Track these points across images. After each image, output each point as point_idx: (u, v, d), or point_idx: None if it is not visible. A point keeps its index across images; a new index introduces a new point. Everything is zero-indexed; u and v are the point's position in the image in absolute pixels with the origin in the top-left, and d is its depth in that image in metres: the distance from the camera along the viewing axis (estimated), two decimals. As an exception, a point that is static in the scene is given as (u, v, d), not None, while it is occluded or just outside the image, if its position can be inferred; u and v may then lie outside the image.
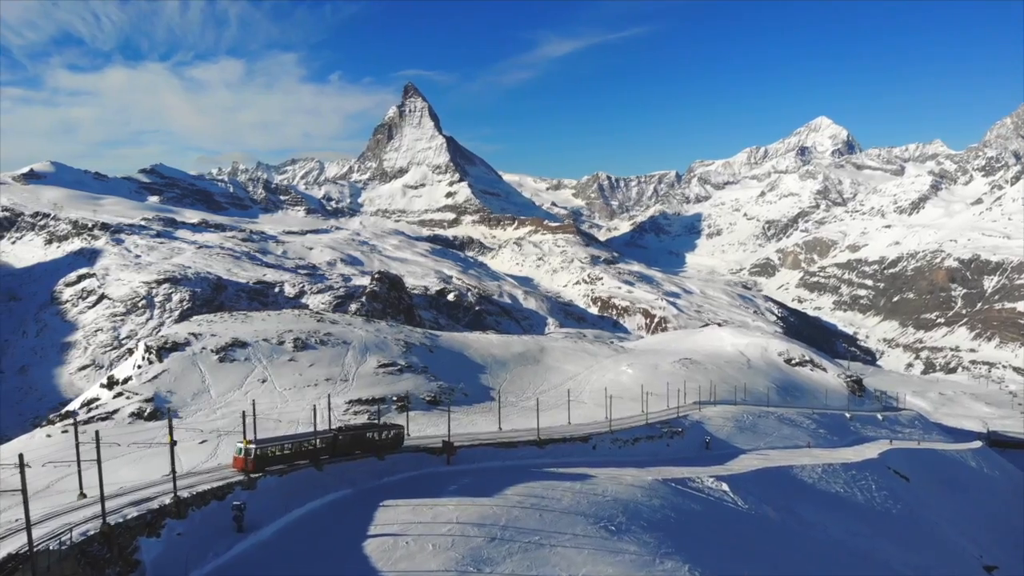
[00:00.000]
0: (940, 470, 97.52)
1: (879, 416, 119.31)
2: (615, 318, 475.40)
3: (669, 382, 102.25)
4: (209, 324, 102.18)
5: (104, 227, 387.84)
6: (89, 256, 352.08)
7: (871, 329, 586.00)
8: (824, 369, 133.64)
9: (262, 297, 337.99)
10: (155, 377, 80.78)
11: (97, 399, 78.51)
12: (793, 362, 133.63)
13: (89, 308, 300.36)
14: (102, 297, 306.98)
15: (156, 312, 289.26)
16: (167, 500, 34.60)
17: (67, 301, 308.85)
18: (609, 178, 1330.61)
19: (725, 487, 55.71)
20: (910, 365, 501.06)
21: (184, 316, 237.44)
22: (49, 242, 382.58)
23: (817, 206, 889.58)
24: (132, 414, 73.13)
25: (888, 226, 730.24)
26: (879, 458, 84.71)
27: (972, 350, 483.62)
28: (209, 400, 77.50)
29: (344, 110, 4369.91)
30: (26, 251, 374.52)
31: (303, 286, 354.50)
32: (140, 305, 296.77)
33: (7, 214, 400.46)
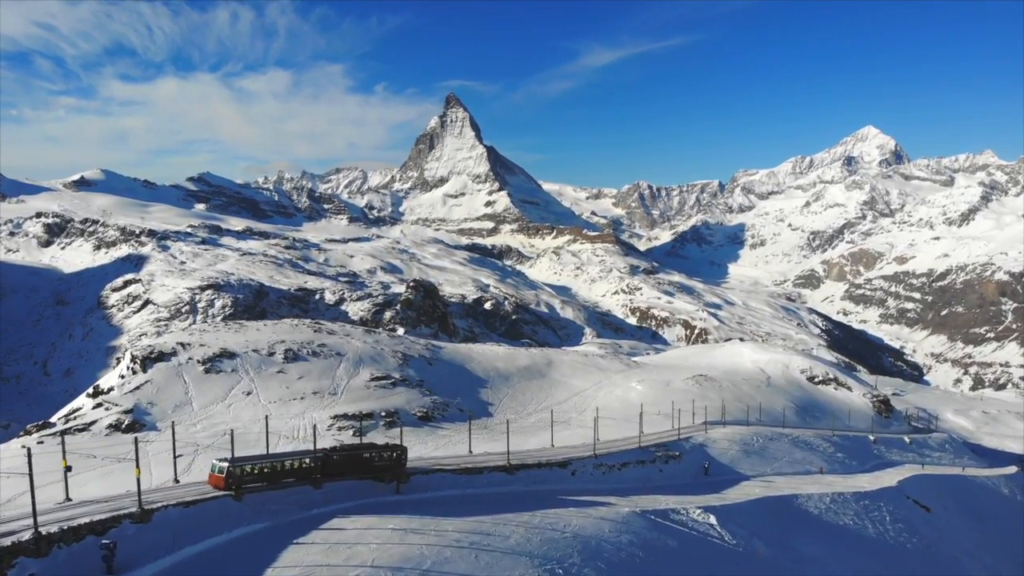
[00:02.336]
0: (967, 499, 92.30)
1: (906, 439, 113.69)
2: (654, 329, 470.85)
3: (679, 400, 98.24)
4: (200, 334, 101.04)
5: (151, 234, 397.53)
6: (136, 262, 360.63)
7: (918, 343, 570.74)
8: (849, 388, 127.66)
9: (303, 304, 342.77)
10: (137, 388, 79.21)
11: (79, 409, 77.30)
12: (816, 380, 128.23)
13: (134, 313, 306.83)
14: (147, 302, 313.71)
15: (199, 318, 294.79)
16: (54, 530, 31.37)
17: (113, 306, 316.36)
18: (650, 187, 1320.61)
19: (712, 520, 51.73)
20: (958, 381, 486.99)
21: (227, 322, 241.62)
22: (97, 248, 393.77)
23: (863, 217, 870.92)
24: (110, 425, 71.45)
25: (937, 238, 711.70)
26: (897, 486, 80.00)
27: (1023, 366, 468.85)
28: (190, 413, 75.81)
29: (388, 120, 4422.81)
30: (75, 256, 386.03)
31: (343, 293, 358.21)
32: (183, 311, 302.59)
33: (58, 220, 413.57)
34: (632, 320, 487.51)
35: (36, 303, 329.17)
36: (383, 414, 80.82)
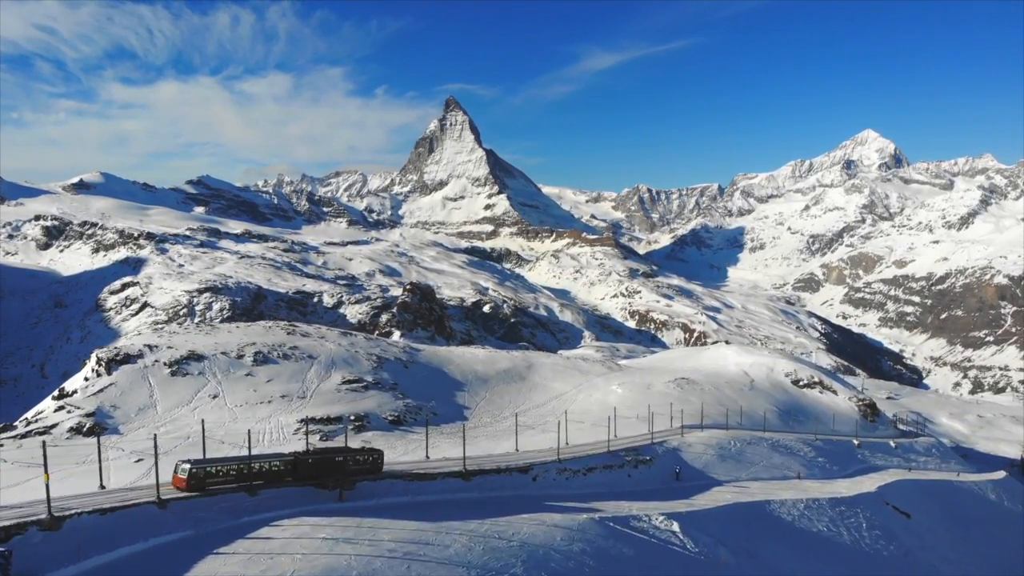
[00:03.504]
0: (951, 505, 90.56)
1: (891, 443, 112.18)
2: (653, 332, 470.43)
3: (659, 403, 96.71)
4: (170, 336, 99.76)
5: (149, 236, 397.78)
6: (134, 265, 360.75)
7: (918, 347, 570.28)
8: (834, 391, 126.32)
9: (301, 307, 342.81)
10: (101, 391, 78.18)
11: (43, 411, 76.27)
12: (801, 383, 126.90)
13: (132, 316, 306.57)
14: (145, 305, 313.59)
15: (196, 321, 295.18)
16: None
17: (111, 309, 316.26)
18: (650, 191, 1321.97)
19: (675, 527, 49.86)
20: (958, 384, 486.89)
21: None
22: (96, 251, 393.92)
23: (863, 220, 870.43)
24: (71, 429, 70.45)
25: (936, 241, 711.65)
26: (877, 492, 78.18)
27: (1022, 369, 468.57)
28: (154, 416, 74.66)
29: (388, 124, 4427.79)
30: (73, 259, 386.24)
31: (341, 296, 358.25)
32: (181, 314, 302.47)
33: (56, 223, 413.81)
34: (631, 323, 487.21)
35: (34, 305, 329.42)
36: (352, 418, 79.45)
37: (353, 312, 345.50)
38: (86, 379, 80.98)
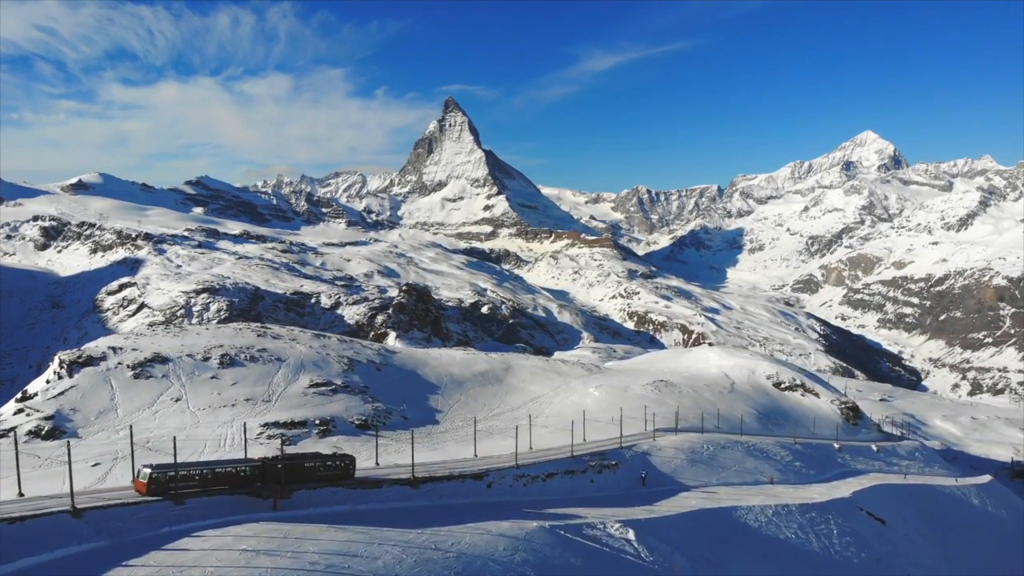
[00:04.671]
0: (931, 510, 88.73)
1: (873, 447, 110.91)
2: (652, 333, 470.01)
3: (636, 406, 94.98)
4: (136, 338, 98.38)
5: (147, 237, 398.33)
6: (131, 265, 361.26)
7: (916, 348, 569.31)
8: (816, 394, 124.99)
9: (299, 308, 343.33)
10: (61, 393, 76.89)
11: (2, 414, 74.86)
12: (782, 386, 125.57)
13: (129, 316, 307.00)
14: (142, 306, 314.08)
15: (194, 322, 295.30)
16: None
17: (108, 309, 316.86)
18: (649, 192, 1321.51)
19: (631, 534, 48.22)
20: (956, 386, 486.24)
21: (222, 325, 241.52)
22: (94, 251, 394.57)
23: (862, 222, 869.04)
24: (29, 432, 69.15)
25: (935, 243, 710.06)
26: (851, 497, 76.42)
27: (1021, 371, 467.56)
28: (115, 419, 73.39)
29: (389, 125, 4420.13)
30: (71, 260, 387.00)
31: (339, 297, 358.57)
32: (179, 314, 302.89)
33: (55, 223, 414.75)
34: (630, 324, 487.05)
35: (32, 306, 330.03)
36: (317, 422, 78.25)
37: (351, 313, 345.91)
38: (48, 381, 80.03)
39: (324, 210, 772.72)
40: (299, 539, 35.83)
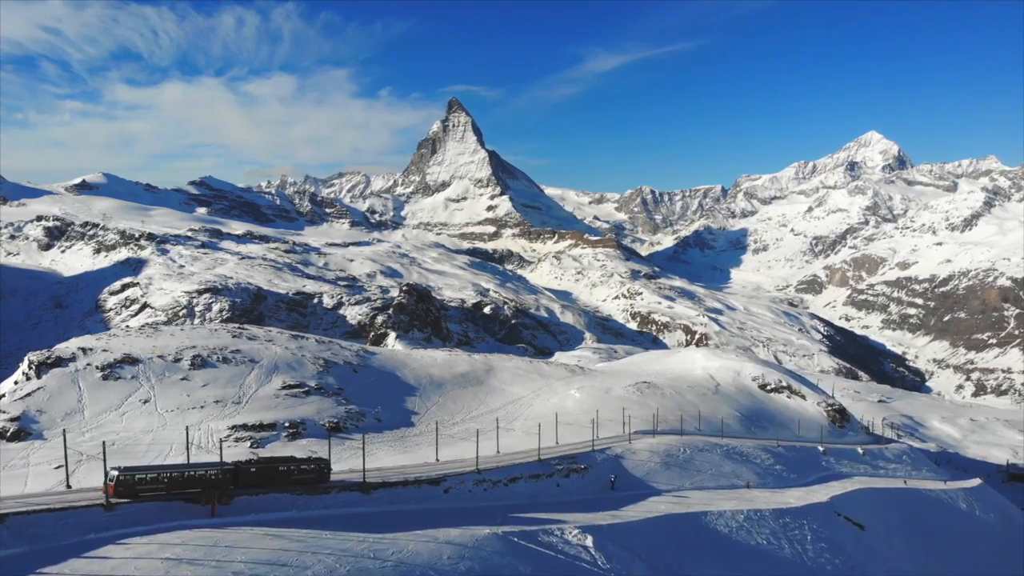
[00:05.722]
0: (915, 514, 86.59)
1: (859, 450, 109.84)
2: (655, 334, 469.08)
3: (616, 408, 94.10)
4: (108, 339, 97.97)
5: (150, 237, 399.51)
6: (134, 266, 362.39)
7: (920, 349, 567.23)
8: (803, 396, 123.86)
9: (301, 308, 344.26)
10: (29, 395, 76.75)
11: None
12: (768, 388, 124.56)
13: (132, 317, 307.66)
14: (144, 306, 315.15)
15: (196, 322, 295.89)
16: None
17: (111, 309, 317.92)
18: (653, 192, 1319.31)
19: (588, 541, 46.74)
20: (960, 387, 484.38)
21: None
22: (97, 251, 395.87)
23: (866, 222, 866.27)
24: None
25: (939, 243, 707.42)
26: (828, 502, 74.63)
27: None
28: (81, 421, 73.15)
29: (392, 125, 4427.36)
30: (75, 260, 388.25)
31: (341, 297, 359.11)
32: (181, 315, 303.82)
33: (58, 223, 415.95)
34: (633, 325, 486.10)
35: (34, 306, 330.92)
36: (287, 425, 77.77)
37: (353, 313, 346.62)
38: (16, 382, 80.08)
39: (327, 210, 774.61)
40: (229, 547, 35.02)
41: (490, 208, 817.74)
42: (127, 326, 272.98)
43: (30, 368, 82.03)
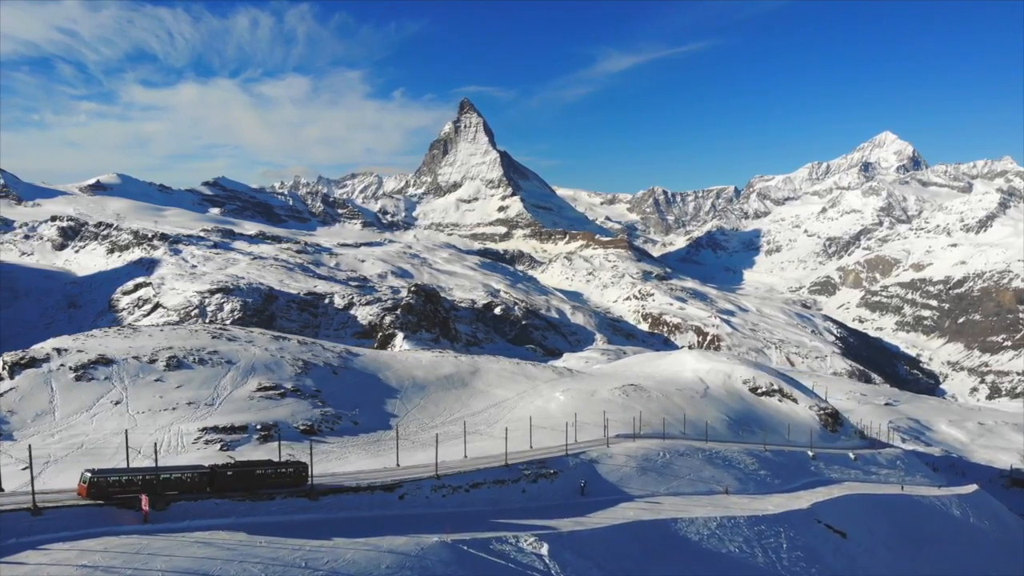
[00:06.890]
0: (904, 522, 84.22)
1: (851, 454, 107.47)
2: (666, 335, 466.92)
3: (599, 411, 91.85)
4: (85, 339, 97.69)
5: (163, 237, 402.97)
6: (147, 266, 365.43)
7: (935, 351, 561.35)
8: (794, 400, 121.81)
9: (312, 308, 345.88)
10: (1, 395, 76.24)
11: None
12: (759, 391, 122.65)
13: (144, 316, 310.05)
14: (157, 306, 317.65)
15: (208, 321, 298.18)
16: None
17: (124, 309, 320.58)
18: (665, 192, 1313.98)
19: (543, 549, 44.95)
20: (975, 389, 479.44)
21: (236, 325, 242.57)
22: (111, 251, 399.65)
23: (880, 223, 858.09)
24: None
25: (954, 245, 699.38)
26: (808, 509, 72.25)
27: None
28: (51, 422, 72.89)
29: (406, 126, 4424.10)
30: (88, 260, 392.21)
31: (352, 297, 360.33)
32: (193, 314, 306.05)
33: (72, 224, 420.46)
34: (644, 326, 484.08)
35: (48, 305, 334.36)
36: (259, 427, 76.86)
37: (364, 313, 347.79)
38: None
39: (340, 211, 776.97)
40: (151, 555, 34.06)
41: (501, 209, 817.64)
42: (130, 325, 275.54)
43: (3, 368, 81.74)
